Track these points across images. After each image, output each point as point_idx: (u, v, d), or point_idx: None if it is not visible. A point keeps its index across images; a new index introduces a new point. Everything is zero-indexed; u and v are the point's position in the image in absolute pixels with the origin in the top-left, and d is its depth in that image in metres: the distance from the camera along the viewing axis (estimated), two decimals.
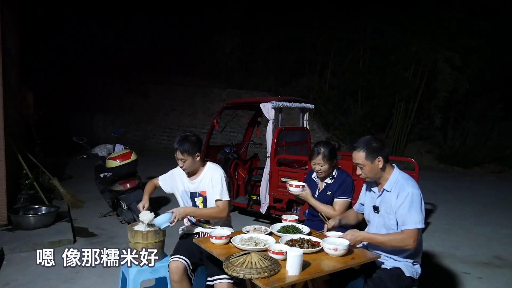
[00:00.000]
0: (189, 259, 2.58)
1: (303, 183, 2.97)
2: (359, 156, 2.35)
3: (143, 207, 2.74)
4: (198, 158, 2.74)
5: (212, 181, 2.76)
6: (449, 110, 12.66)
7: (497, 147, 11.98)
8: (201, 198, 2.83)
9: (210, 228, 2.79)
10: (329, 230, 2.49)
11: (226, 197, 2.76)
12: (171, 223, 2.54)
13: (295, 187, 2.90)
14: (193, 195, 2.84)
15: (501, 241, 5.15)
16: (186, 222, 2.92)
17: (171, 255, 2.62)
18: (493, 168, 11.75)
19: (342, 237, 2.28)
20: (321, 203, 2.91)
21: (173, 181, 2.93)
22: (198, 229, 2.86)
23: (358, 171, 2.41)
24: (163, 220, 2.50)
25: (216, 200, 2.75)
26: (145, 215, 2.63)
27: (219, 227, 2.72)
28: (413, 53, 11.71)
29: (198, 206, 2.83)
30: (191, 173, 2.83)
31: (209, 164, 2.87)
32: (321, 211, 2.86)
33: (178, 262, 2.53)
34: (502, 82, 12.31)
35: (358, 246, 2.30)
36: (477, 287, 3.69)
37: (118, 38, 15.08)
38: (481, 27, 11.54)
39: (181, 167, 2.76)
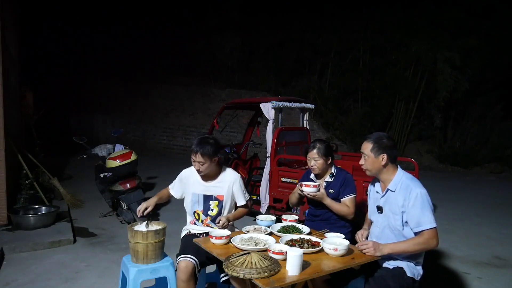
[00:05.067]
0: (197, 258, 2.56)
1: (317, 183, 2.94)
2: (366, 146, 2.41)
3: (144, 210, 2.70)
4: (215, 162, 2.75)
5: (233, 187, 2.83)
6: (449, 110, 12.66)
7: (497, 147, 11.98)
8: (216, 202, 2.81)
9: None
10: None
11: (247, 196, 2.93)
12: None
13: (313, 186, 2.83)
14: (207, 198, 2.82)
15: (501, 241, 5.15)
16: (190, 223, 2.92)
17: (179, 255, 2.59)
18: (493, 168, 11.75)
19: (362, 250, 2.22)
20: (335, 202, 2.90)
21: (182, 185, 2.90)
22: (204, 229, 2.84)
23: (361, 161, 2.45)
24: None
25: (241, 206, 2.89)
26: (142, 227, 2.60)
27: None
28: (413, 53, 11.70)
29: (212, 210, 2.81)
30: (206, 176, 2.81)
31: (228, 169, 2.89)
32: (336, 210, 2.87)
33: (188, 261, 2.51)
34: (502, 82, 12.32)
35: (377, 254, 2.22)
36: (477, 287, 3.69)
37: (118, 38, 15.08)
38: (481, 27, 11.54)
39: (197, 170, 2.73)
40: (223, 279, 2.55)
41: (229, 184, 2.82)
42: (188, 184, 2.87)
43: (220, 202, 2.81)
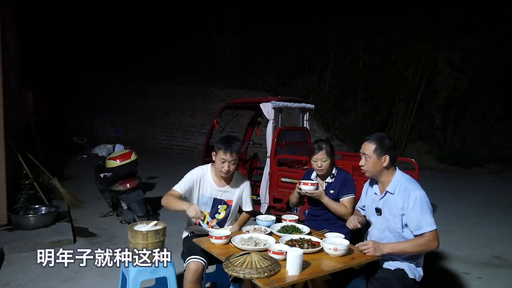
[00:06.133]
0: (205, 259, 2.54)
1: (315, 181, 2.94)
2: (369, 147, 2.37)
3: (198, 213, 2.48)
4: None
5: (243, 193, 2.83)
6: (449, 110, 12.67)
7: (497, 147, 11.99)
8: (224, 206, 2.79)
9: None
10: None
11: (252, 202, 2.95)
12: None
13: (311, 185, 2.82)
14: (217, 202, 2.78)
15: (501, 241, 5.15)
16: (194, 222, 2.90)
17: (187, 255, 2.55)
18: (493, 168, 11.75)
19: (362, 250, 2.22)
20: (333, 202, 2.90)
21: (191, 184, 2.77)
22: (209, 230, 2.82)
23: (362, 162, 2.41)
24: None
25: (247, 211, 2.89)
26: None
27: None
28: (413, 53, 11.71)
29: (220, 213, 2.79)
30: (222, 179, 2.76)
31: (237, 173, 2.86)
32: (334, 209, 2.87)
33: (199, 262, 2.49)
34: (502, 82, 12.33)
35: (377, 254, 2.23)
36: (477, 287, 3.69)
37: (118, 38, 15.08)
38: (481, 27, 11.55)
39: (226, 171, 2.62)
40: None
41: (240, 190, 2.82)
42: (197, 185, 2.78)
43: (228, 206, 2.80)
